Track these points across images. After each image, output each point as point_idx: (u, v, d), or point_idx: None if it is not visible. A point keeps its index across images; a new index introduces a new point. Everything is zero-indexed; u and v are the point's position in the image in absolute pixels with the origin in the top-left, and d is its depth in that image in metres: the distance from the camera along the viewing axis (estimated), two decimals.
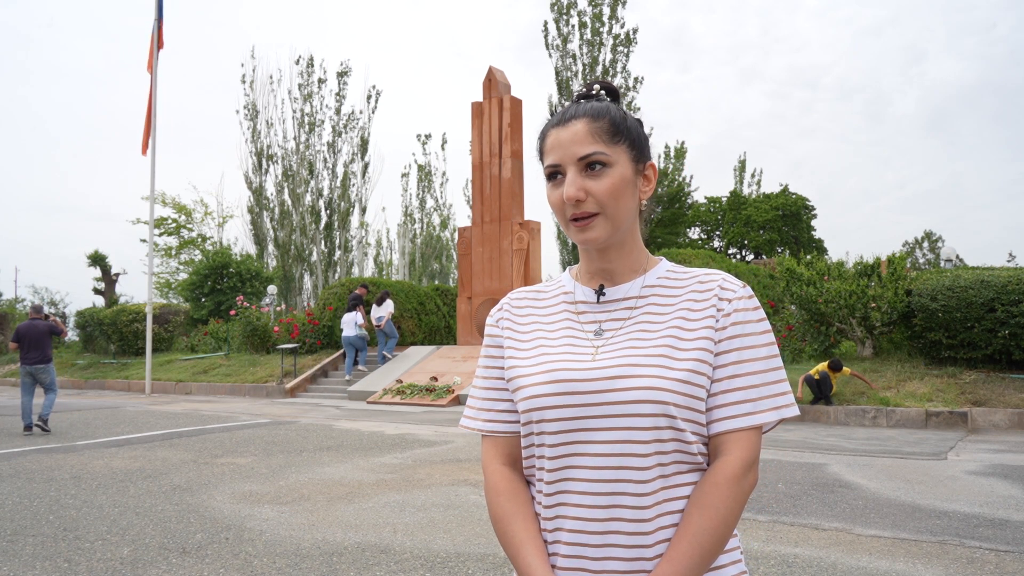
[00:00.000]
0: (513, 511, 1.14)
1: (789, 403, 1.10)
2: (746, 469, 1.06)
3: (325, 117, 35.46)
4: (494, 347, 1.23)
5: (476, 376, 1.26)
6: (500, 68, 17.66)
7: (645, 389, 1.04)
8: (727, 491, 1.05)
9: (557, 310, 1.21)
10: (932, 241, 55.31)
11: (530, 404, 1.11)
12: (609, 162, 1.10)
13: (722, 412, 1.08)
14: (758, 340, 1.11)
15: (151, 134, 17.36)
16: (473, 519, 4.78)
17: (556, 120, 1.15)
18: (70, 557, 4.01)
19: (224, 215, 37.25)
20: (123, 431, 9.69)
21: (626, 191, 1.11)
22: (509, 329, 1.22)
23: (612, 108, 1.14)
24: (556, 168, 1.12)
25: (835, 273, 12.61)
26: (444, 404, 13.04)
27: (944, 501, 5.21)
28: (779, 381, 1.10)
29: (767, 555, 3.97)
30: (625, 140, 1.12)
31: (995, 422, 9.43)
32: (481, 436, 1.23)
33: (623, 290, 1.16)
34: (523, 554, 1.10)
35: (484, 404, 1.23)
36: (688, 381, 1.06)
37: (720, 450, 1.08)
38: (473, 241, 17.06)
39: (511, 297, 1.27)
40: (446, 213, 44.27)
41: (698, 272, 1.18)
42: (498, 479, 1.18)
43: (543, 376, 1.11)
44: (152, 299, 18.06)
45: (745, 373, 1.09)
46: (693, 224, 40.94)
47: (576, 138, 1.10)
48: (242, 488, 5.81)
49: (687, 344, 1.09)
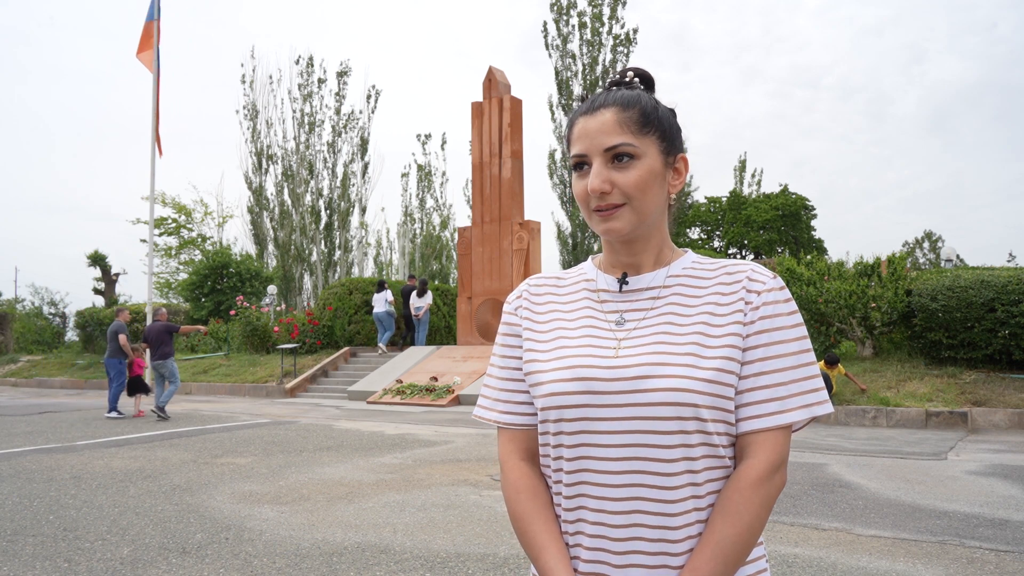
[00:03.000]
0: (534, 511, 1.10)
1: (821, 400, 1.04)
2: (772, 471, 1.01)
3: (325, 117, 35.48)
4: (511, 335, 1.18)
5: (491, 364, 1.20)
6: (500, 68, 17.67)
7: (672, 391, 0.99)
8: (752, 496, 1.00)
9: (578, 297, 1.16)
10: (932, 241, 55.31)
11: (548, 402, 1.06)
12: (637, 154, 1.05)
13: (749, 411, 1.03)
14: (788, 335, 1.05)
15: (156, 134, 17.34)
16: (473, 519, 4.78)
17: (585, 108, 1.10)
18: (70, 557, 4.01)
19: (224, 215, 37.27)
20: (123, 431, 9.69)
21: (654, 184, 1.06)
22: (528, 318, 1.17)
23: (644, 97, 1.08)
24: (582, 158, 1.07)
25: (835, 273, 12.61)
26: (444, 404, 13.04)
27: (944, 501, 5.21)
28: (811, 377, 1.04)
29: (767, 555, 3.97)
30: (655, 131, 1.07)
31: (995, 422, 9.43)
32: (497, 428, 1.19)
33: (647, 279, 1.11)
34: (544, 557, 1.06)
35: (500, 395, 1.17)
36: (716, 380, 1.01)
37: (746, 452, 1.03)
38: (473, 241, 17.06)
39: (530, 283, 1.21)
40: (446, 213, 44.25)
41: (726, 263, 1.12)
42: (518, 476, 1.13)
43: (563, 372, 1.06)
44: (152, 299, 18.05)
45: (774, 370, 1.03)
46: (693, 224, 40.94)
47: (604, 128, 1.05)
48: (242, 488, 5.81)
49: (715, 340, 1.04)
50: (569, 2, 30.94)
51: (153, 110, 17.27)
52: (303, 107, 35.14)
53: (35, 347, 28.89)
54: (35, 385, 21.07)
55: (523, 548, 1.11)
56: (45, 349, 28.25)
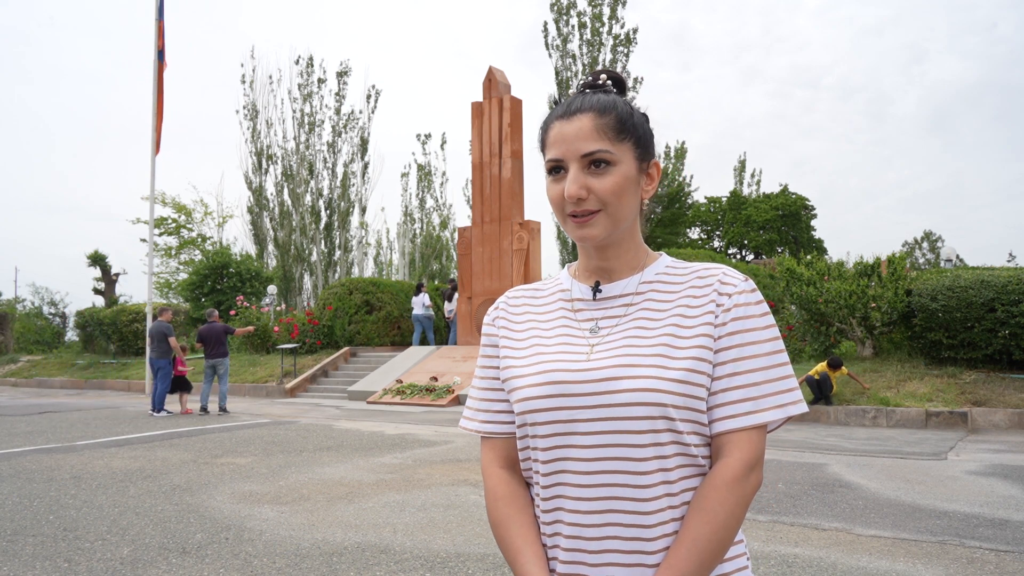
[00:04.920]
0: (510, 516, 1.12)
1: (795, 400, 1.05)
2: (747, 471, 1.02)
3: (325, 117, 35.46)
4: (490, 347, 1.21)
5: (475, 376, 1.24)
6: (500, 68, 17.67)
7: (640, 391, 1.01)
8: (727, 494, 1.01)
9: (553, 308, 1.18)
10: (932, 241, 55.32)
11: (523, 407, 1.08)
12: (613, 160, 1.06)
13: (722, 411, 1.04)
14: (760, 335, 1.06)
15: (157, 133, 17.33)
16: (473, 519, 4.78)
17: (560, 111, 1.10)
18: (70, 557, 4.01)
19: (224, 215, 37.17)
20: (123, 431, 9.69)
21: (629, 190, 1.08)
22: (505, 328, 1.20)
23: (619, 102, 1.10)
24: (558, 163, 1.08)
25: (835, 273, 12.61)
26: (444, 404, 13.04)
27: (944, 501, 5.21)
28: (784, 377, 1.05)
29: (767, 555, 3.97)
30: (631, 137, 1.08)
31: (995, 422, 9.43)
32: (480, 438, 1.21)
33: (620, 287, 1.13)
34: (520, 560, 1.08)
35: (481, 405, 1.20)
36: (686, 381, 1.02)
37: (721, 451, 1.04)
38: (473, 241, 17.06)
39: (508, 296, 1.24)
40: (446, 213, 44.22)
41: (698, 266, 1.13)
42: (496, 483, 1.15)
43: (536, 377, 1.08)
44: (152, 299, 18.05)
45: (746, 370, 1.04)
46: (693, 224, 40.95)
47: (580, 134, 1.06)
48: (242, 488, 5.81)
49: (685, 342, 1.05)
50: (569, 2, 30.93)
51: (153, 109, 17.26)
52: (303, 107, 35.14)
53: (35, 347, 28.90)
54: (35, 385, 21.08)
55: (502, 553, 1.13)
56: (45, 349, 28.26)
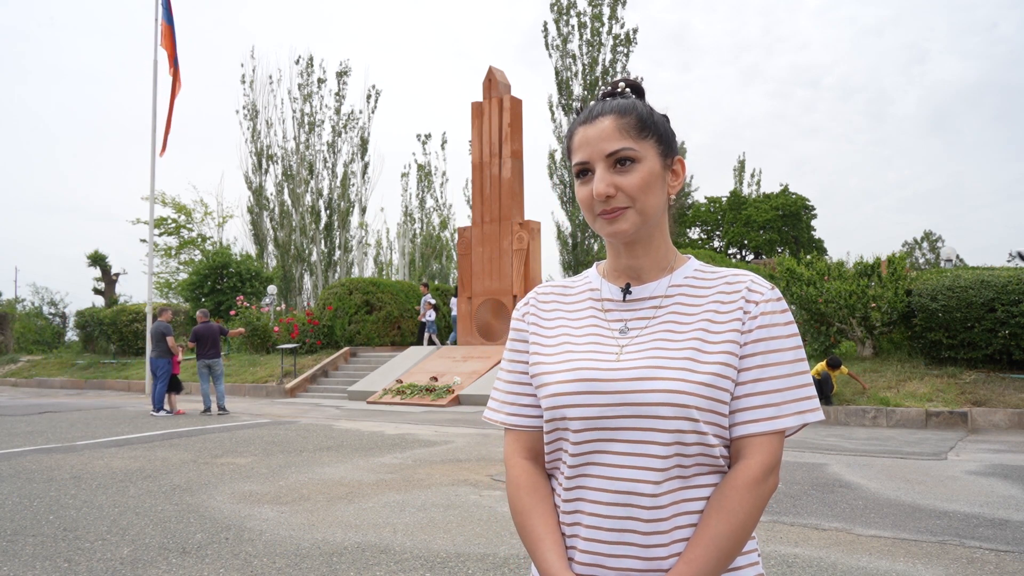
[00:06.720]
0: (533, 506, 1.15)
1: (813, 408, 1.10)
2: (766, 473, 1.06)
3: (325, 117, 35.47)
4: (519, 341, 1.24)
5: (501, 368, 1.26)
6: (500, 68, 17.67)
7: (668, 392, 1.04)
8: (746, 495, 1.05)
9: (583, 307, 1.20)
10: (932, 241, 55.32)
11: (553, 402, 1.11)
12: (638, 157, 1.09)
13: (745, 416, 1.08)
14: (784, 344, 1.10)
15: (155, 134, 17.34)
16: (473, 519, 4.78)
17: (583, 118, 1.15)
18: (70, 557, 4.01)
19: (224, 215, 37.18)
20: (123, 431, 9.69)
21: (655, 185, 1.11)
22: (535, 324, 1.22)
23: (639, 104, 1.14)
24: (585, 165, 1.12)
25: (835, 273, 12.61)
26: (444, 404, 13.04)
27: (944, 501, 5.21)
28: (804, 385, 1.10)
29: (767, 555, 3.97)
30: (653, 135, 1.12)
31: (995, 422, 9.43)
32: (504, 429, 1.25)
33: (649, 289, 1.16)
34: (541, 548, 1.11)
35: (508, 398, 1.23)
36: (712, 384, 1.06)
37: (741, 454, 1.08)
38: (473, 241, 17.06)
39: (538, 291, 1.27)
40: (446, 213, 44.24)
41: (726, 272, 1.17)
42: (519, 473, 1.19)
43: (567, 375, 1.11)
44: (152, 299, 18.04)
45: (769, 377, 1.08)
46: (693, 224, 40.97)
47: (604, 135, 1.10)
48: (242, 488, 5.81)
49: (713, 347, 1.08)
50: (569, 2, 30.93)
51: (154, 109, 17.26)
52: (303, 107, 35.14)
53: (35, 347, 28.91)
54: (35, 385, 21.08)
55: (522, 542, 1.16)
56: (45, 349, 28.27)
